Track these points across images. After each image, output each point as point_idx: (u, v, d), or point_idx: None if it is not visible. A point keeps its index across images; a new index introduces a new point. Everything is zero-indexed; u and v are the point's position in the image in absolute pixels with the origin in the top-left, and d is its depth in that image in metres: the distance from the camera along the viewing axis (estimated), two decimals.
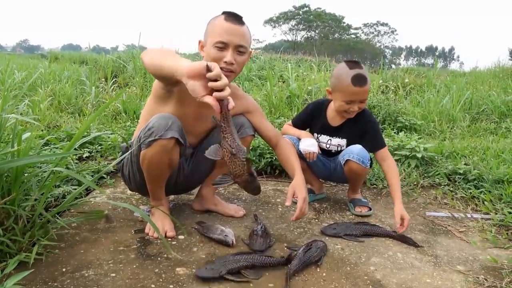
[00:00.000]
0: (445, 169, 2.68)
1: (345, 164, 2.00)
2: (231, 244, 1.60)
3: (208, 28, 1.65)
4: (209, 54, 1.62)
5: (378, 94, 5.60)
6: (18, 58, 10.46)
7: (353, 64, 1.95)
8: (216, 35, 1.59)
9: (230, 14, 1.64)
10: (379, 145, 2.02)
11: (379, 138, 2.05)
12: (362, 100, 1.94)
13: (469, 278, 1.47)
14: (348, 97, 1.91)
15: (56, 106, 4.43)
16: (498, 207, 2.13)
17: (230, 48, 1.60)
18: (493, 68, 9.12)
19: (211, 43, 1.61)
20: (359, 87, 1.88)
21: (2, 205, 1.33)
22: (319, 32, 68.45)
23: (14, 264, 1.29)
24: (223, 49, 1.60)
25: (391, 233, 1.81)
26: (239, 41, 1.61)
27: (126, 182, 1.83)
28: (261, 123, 1.90)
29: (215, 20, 1.64)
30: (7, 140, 1.79)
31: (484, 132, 4.35)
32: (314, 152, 2.01)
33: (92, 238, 1.63)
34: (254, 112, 1.89)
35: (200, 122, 1.78)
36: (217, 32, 1.60)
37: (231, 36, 1.59)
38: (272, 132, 1.91)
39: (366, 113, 2.08)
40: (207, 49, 1.63)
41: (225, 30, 1.59)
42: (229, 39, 1.59)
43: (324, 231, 1.80)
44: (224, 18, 1.62)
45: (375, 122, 2.10)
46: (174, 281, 1.34)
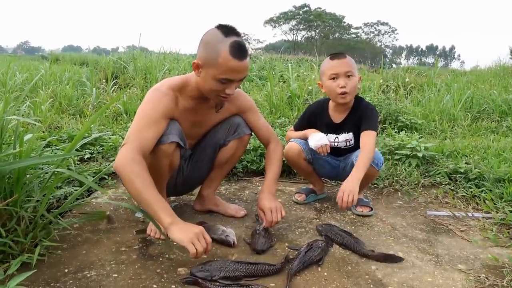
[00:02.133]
0: (446, 168, 2.68)
1: None
2: (233, 244, 1.61)
3: (209, 55, 1.49)
4: (209, 84, 1.54)
5: (379, 93, 5.59)
6: (19, 60, 10.49)
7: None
8: (221, 71, 1.49)
9: (236, 48, 1.48)
10: (369, 126, 1.95)
11: (371, 121, 1.98)
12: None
13: (470, 277, 1.47)
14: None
15: (57, 108, 4.44)
16: (499, 206, 2.13)
17: (233, 84, 1.55)
18: (494, 67, 9.14)
19: (213, 75, 1.51)
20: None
21: (5, 206, 1.34)
22: (320, 32, 68.46)
23: (17, 265, 1.30)
24: (226, 83, 1.53)
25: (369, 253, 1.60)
26: (243, 75, 1.57)
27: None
28: (256, 122, 1.89)
29: (218, 47, 1.47)
30: (9, 142, 1.80)
31: (485, 131, 4.34)
32: (325, 144, 2.00)
33: (94, 239, 1.64)
34: (248, 111, 1.88)
35: (197, 128, 1.80)
36: (222, 67, 1.48)
37: (238, 74, 1.52)
38: (266, 132, 1.91)
39: (365, 102, 2.07)
40: (207, 78, 1.53)
41: (233, 69, 1.49)
42: (236, 77, 1.53)
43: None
44: (230, 52, 1.46)
45: (373, 109, 2.04)
46: (176, 281, 1.35)
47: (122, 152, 1.43)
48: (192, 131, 1.77)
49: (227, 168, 1.99)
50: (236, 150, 1.90)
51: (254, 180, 2.62)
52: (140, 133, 1.49)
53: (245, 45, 1.53)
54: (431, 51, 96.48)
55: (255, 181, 2.61)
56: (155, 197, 1.37)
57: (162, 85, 1.62)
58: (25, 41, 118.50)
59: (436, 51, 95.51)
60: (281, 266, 1.44)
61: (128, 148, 1.43)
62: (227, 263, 1.42)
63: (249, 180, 2.61)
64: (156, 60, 6.75)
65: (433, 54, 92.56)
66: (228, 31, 1.51)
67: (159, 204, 1.37)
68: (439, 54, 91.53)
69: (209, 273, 1.35)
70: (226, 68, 1.48)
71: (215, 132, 1.87)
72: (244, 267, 1.40)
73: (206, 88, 1.57)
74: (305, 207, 2.17)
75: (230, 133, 1.87)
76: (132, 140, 1.47)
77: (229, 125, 1.86)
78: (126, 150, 1.43)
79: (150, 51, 8.60)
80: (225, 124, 1.87)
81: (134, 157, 1.41)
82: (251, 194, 2.33)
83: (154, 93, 1.59)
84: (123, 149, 1.44)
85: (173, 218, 1.37)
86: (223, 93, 1.56)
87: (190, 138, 1.78)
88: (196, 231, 1.35)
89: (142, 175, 1.38)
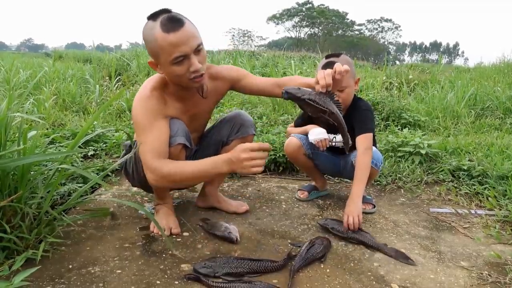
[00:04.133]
0: (449, 166, 2.68)
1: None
2: (235, 241, 1.61)
3: (152, 45, 1.43)
4: (171, 73, 1.48)
5: (382, 90, 5.58)
6: (22, 57, 10.52)
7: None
8: (168, 52, 1.40)
9: (165, 24, 1.39)
10: (363, 130, 1.92)
11: (366, 124, 1.94)
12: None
13: (473, 274, 1.47)
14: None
15: (60, 105, 4.46)
16: (502, 203, 2.13)
17: (190, 56, 1.43)
18: (498, 63, 9.07)
19: (166, 61, 1.43)
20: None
21: (9, 203, 1.35)
22: (323, 29, 68.22)
23: (22, 261, 1.31)
24: (183, 61, 1.43)
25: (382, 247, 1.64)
26: (194, 44, 1.43)
27: (130, 179, 1.83)
28: (255, 81, 1.79)
29: (153, 33, 1.40)
30: (13, 139, 1.81)
31: (489, 128, 4.33)
32: (325, 138, 2.00)
33: (98, 235, 1.65)
34: (242, 79, 1.78)
35: (196, 121, 1.78)
36: (166, 48, 1.39)
37: (184, 45, 1.40)
38: (270, 81, 1.77)
39: (362, 102, 2.05)
40: (166, 67, 1.47)
41: (174, 43, 1.38)
42: (185, 50, 1.41)
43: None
44: (162, 29, 1.38)
45: (368, 110, 2.00)
46: (179, 277, 1.35)
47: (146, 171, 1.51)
48: (192, 125, 1.74)
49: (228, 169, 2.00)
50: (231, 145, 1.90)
51: (257, 177, 2.63)
52: (146, 145, 1.50)
53: (175, 16, 1.42)
54: (435, 47, 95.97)
55: (258, 178, 2.61)
56: (198, 167, 1.46)
57: (144, 89, 1.57)
58: (28, 39, 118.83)
59: (440, 48, 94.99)
60: (284, 263, 1.45)
61: (147, 164, 1.49)
62: (230, 259, 1.42)
63: (252, 177, 2.62)
64: None
65: (436, 51, 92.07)
66: (155, 15, 1.44)
67: (205, 166, 1.45)
68: (442, 51, 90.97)
69: (212, 269, 1.36)
70: (169, 47, 1.39)
71: (219, 129, 1.88)
72: (247, 264, 1.40)
73: (173, 78, 1.51)
74: (307, 204, 2.17)
75: (233, 132, 1.87)
76: (144, 155, 1.50)
77: (232, 123, 1.87)
78: (146, 167, 1.50)
79: None
80: (229, 122, 1.87)
81: (155, 165, 1.47)
82: (253, 191, 2.33)
83: (138, 102, 1.55)
84: (145, 169, 1.51)
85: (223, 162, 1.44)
86: (190, 74, 1.46)
87: (194, 132, 1.79)
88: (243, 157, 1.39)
89: (174, 167, 1.46)
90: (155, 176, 1.47)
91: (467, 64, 19.12)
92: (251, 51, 12.19)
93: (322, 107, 1.37)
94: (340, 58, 1.94)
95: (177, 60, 1.42)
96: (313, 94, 1.35)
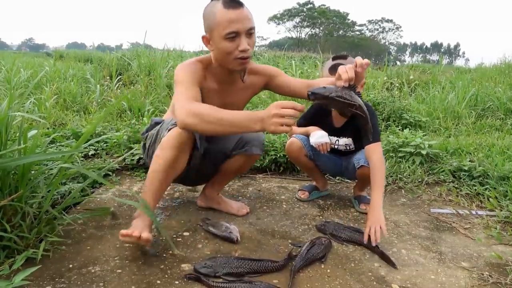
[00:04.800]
0: (450, 166, 2.67)
1: (359, 168, 1.99)
2: (236, 241, 1.61)
3: (209, 20, 1.53)
4: (221, 48, 1.54)
5: (383, 91, 5.58)
6: (23, 57, 10.51)
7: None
8: (223, 26, 1.49)
9: (227, 1, 1.51)
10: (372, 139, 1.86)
11: (375, 132, 1.89)
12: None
13: (474, 274, 1.47)
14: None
15: (61, 104, 4.46)
16: (503, 204, 2.12)
17: (242, 35, 1.51)
18: (499, 64, 9.06)
19: (219, 35, 1.51)
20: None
21: (10, 202, 1.35)
22: (324, 29, 68.24)
23: (22, 260, 1.31)
24: (234, 38, 1.50)
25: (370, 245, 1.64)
26: (248, 25, 1.52)
27: (145, 154, 1.81)
28: (289, 81, 1.82)
29: (213, 9, 1.52)
30: (13, 138, 1.81)
31: (490, 129, 4.33)
32: (326, 142, 2.00)
33: (98, 234, 1.65)
34: (278, 75, 1.83)
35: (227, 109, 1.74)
36: (222, 23, 1.49)
37: (239, 23, 1.49)
38: (303, 82, 1.80)
39: (368, 107, 2.05)
40: (217, 43, 1.54)
41: (231, 19, 1.48)
42: (239, 27, 1.49)
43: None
44: (224, 6, 1.49)
45: (373, 116, 1.95)
46: (179, 277, 1.35)
47: (178, 110, 1.45)
48: None
49: (231, 177, 2.02)
50: (241, 166, 1.91)
51: (258, 177, 2.63)
52: (183, 92, 1.51)
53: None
54: (436, 48, 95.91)
55: (259, 178, 2.61)
56: (234, 115, 1.39)
57: (189, 59, 1.66)
58: (29, 38, 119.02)
59: (441, 48, 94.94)
60: (284, 263, 1.45)
61: (182, 103, 1.46)
62: (230, 259, 1.42)
63: (253, 177, 2.61)
64: (160, 57, 6.75)
65: (437, 52, 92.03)
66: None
67: (240, 117, 1.38)
68: (443, 51, 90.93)
69: (212, 269, 1.36)
70: (225, 22, 1.48)
71: (226, 139, 1.85)
72: (247, 264, 1.40)
73: (221, 54, 1.56)
74: (308, 204, 2.17)
75: (238, 146, 1.84)
76: (179, 99, 1.49)
77: (239, 138, 1.83)
78: (181, 106, 1.46)
79: (154, 48, 8.60)
80: (237, 136, 1.84)
81: (191, 105, 1.44)
82: (254, 191, 2.33)
83: (182, 65, 1.62)
84: (178, 109, 1.46)
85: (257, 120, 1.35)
86: (238, 53, 1.53)
87: None
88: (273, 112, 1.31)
89: (209, 107, 1.41)
90: (189, 112, 1.41)
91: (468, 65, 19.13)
92: (252, 51, 12.16)
93: (349, 102, 1.35)
94: (347, 61, 1.94)
95: (230, 36, 1.49)
96: (339, 90, 1.35)
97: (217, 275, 1.34)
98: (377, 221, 1.65)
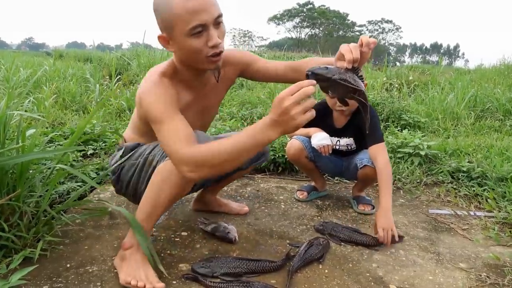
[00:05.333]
0: (449, 167, 2.67)
1: (362, 168, 1.99)
2: (234, 241, 1.61)
3: (165, 15, 1.23)
4: (186, 48, 1.25)
5: (382, 91, 5.58)
6: (23, 56, 10.48)
7: None
8: (184, 20, 1.19)
9: None
10: (376, 139, 1.91)
11: (376, 132, 1.93)
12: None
13: (471, 275, 1.47)
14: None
15: (60, 104, 4.45)
16: (501, 205, 2.13)
17: (210, 27, 1.22)
18: (498, 65, 9.06)
19: (182, 33, 1.21)
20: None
21: (8, 201, 1.34)
22: (323, 30, 68.34)
23: (19, 260, 1.31)
24: (201, 33, 1.21)
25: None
26: (215, 13, 1.22)
27: (122, 186, 1.57)
28: (270, 65, 1.59)
29: (168, 2, 1.21)
30: (12, 137, 1.81)
31: (488, 130, 4.33)
32: (328, 144, 2.00)
33: (96, 234, 1.65)
34: (253, 62, 1.60)
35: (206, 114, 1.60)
36: (183, 16, 1.18)
37: (205, 13, 1.19)
38: (283, 64, 1.58)
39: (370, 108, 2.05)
40: (180, 42, 1.24)
41: (194, 9, 1.18)
42: (205, 18, 1.19)
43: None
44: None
45: (375, 116, 2.00)
46: (177, 277, 1.35)
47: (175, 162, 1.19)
48: (201, 121, 1.55)
49: (233, 181, 2.04)
50: (247, 172, 1.94)
51: (256, 177, 2.62)
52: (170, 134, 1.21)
53: None
54: (435, 49, 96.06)
55: (257, 178, 2.61)
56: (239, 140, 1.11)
57: (152, 75, 1.34)
58: (29, 38, 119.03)
59: (441, 49, 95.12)
60: (282, 263, 1.45)
61: (178, 156, 1.17)
62: (228, 259, 1.42)
63: (251, 177, 2.61)
64: (160, 57, 6.76)
65: (437, 53, 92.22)
66: None
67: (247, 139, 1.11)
68: (443, 52, 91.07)
69: (210, 269, 1.36)
70: (187, 14, 1.18)
71: None
72: (245, 264, 1.40)
73: (187, 55, 1.28)
74: (306, 204, 2.17)
75: (253, 160, 1.78)
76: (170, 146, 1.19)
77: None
78: (177, 159, 1.18)
79: (154, 48, 8.59)
80: None
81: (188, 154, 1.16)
82: (252, 191, 2.33)
83: (149, 90, 1.30)
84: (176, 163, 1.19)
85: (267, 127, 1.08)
86: (209, 50, 1.24)
87: (201, 128, 1.56)
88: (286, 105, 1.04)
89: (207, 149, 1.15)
90: (190, 167, 1.15)
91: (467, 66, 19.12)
92: (251, 51, 12.16)
93: (354, 87, 1.15)
94: None
95: (195, 31, 1.20)
96: (342, 73, 1.14)
97: (215, 275, 1.34)
98: (388, 225, 1.66)
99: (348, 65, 1.13)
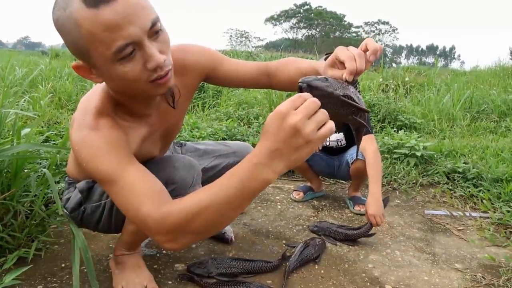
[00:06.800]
0: (444, 168, 2.68)
1: (353, 162, 2.00)
2: (230, 241, 1.61)
3: (74, 37, 0.82)
4: (116, 79, 0.88)
5: (379, 92, 5.59)
6: (19, 55, 10.44)
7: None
8: (103, 41, 0.80)
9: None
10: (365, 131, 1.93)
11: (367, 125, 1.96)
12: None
13: (467, 276, 1.47)
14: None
15: (56, 103, 4.43)
16: (496, 206, 2.13)
17: (144, 43, 0.83)
18: (494, 67, 9.11)
19: (105, 60, 0.83)
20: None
21: (2, 200, 1.33)
22: (320, 30, 68.51)
23: (13, 260, 1.29)
24: (133, 54, 0.83)
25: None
26: (146, 20, 0.83)
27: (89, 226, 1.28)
28: (237, 67, 1.24)
29: (71, 16, 0.79)
30: (7, 136, 1.80)
31: (484, 131, 4.35)
32: None
33: (91, 234, 1.63)
34: (219, 64, 1.22)
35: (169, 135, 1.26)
36: (99, 36, 0.79)
37: (129, 25, 0.80)
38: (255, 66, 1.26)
39: None
40: (106, 71, 0.86)
41: (111, 23, 0.78)
42: (132, 31, 0.80)
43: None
44: (85, 3, 0.78)
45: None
46: (173, 277, 1.35)
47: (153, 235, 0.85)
48: (162, 146, 1.25)
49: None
50: None
51: None
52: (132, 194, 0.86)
53: None
54: (431, 50, 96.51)
55: None
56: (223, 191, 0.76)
57: (85, 120, 0.96)
58: (25, 36, 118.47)
59: (436, 51, 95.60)
60: (278, 263, 1.44)
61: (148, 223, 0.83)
62: (224, 259, 1.42)
63: None
64: None
65: (433, 54, 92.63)
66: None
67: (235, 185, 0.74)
68: (439, 54, 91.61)
69: (206, 269, 1.35)
70: (103, 31, 0.79)
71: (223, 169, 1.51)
72: (241, 264, 1.40)
73: (121, 84, 0.90)
74: (303, 205, 2.17)
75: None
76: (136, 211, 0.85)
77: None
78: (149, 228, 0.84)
79: None
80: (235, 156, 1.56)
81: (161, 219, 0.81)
82: None
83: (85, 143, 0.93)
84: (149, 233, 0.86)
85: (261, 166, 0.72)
86: (150, 74, 0.87)
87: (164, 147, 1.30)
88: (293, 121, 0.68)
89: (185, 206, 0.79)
90: (166, 236, 0.82)
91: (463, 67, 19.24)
92: (248, 52, 12.18)
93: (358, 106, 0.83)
94: None
95: (123, 54, 0.82)
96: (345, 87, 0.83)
97: (210, 275, 1.33)
98: (379, 211, 1.70)
99: (349, 76, 0.86)
